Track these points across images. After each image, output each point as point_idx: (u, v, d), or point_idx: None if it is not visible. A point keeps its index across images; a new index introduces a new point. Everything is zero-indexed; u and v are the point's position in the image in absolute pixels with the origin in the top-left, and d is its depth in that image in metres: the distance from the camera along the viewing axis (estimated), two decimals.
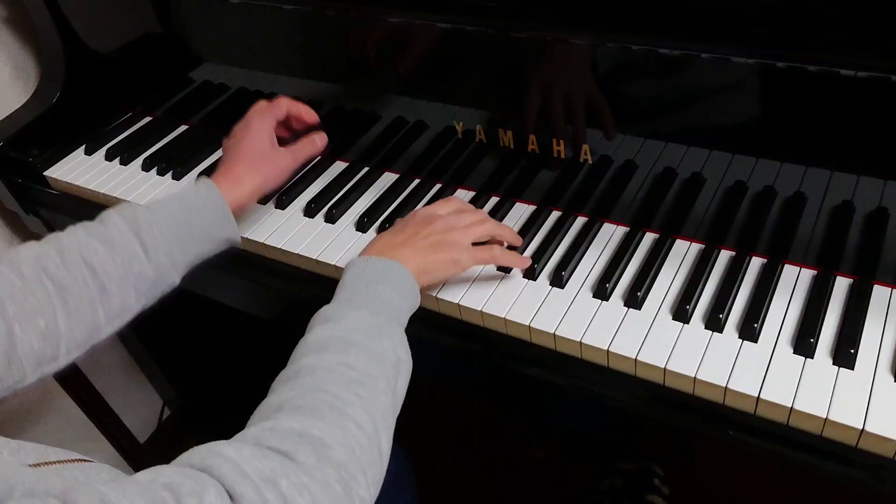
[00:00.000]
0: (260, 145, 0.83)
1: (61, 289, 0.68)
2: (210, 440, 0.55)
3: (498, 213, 0.91)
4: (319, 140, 0.90)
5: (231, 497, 0.48)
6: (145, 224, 0.73)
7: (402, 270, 0.71)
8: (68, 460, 0.52)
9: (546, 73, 0.81)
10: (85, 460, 0.53)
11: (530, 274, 0.82)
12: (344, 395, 0.57)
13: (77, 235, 0.72)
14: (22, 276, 0.67)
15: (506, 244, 0.83)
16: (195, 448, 0.52)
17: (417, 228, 0.76)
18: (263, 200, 1.00)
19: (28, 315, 0.65)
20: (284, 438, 0.53)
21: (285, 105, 0.92)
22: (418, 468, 1.00)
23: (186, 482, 0.47)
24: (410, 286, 0.72)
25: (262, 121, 0.88)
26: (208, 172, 0.86)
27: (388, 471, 0.92)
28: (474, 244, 0.78)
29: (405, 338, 0.68)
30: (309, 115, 0.94)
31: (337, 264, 0.88)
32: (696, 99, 0.76)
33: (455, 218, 0.78)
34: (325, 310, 0.67)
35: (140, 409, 1.61)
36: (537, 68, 0.81)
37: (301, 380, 0.59)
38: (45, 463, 0.50)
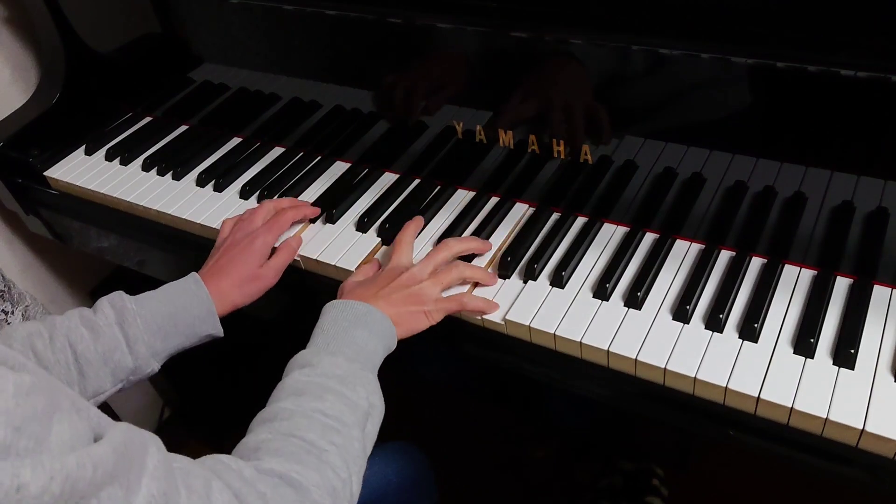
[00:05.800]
0: (252, 267, 0.85)
1: (44, 368, 0.70)
2: (210, 440, 0.55)
3: (498, 214, 0.92)
4: (295, 243, 0.91)
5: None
6: (130, 317, 0.76)
7: (380, 315, 0.74)
8: None
9: (547, 72, 0.81)
10: None
11: (531, 274, 0.82)
12: (319, 441, 0.60)
13: (71, 319, 0.75)
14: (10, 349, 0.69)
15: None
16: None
17: (385, 281, 0.78)
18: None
19: None
20: (264, 479, 0.55)
21: (290, 220, 0.93)
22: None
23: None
24: (387, 329, 0.74)
25: (264, 244, 0.87)
26: (198, 265, 0.86)
27: (408, 477, 0.93)
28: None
29: (378, 384, 0.70)
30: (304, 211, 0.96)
31: (337, 265, 0.88)
32: (696, 99, 0.76)
33: (420, 269, 0.79)
34: (304, 354, 0.69)
35: (140, 410, 1.61)
36: (538, 68, 0.81)
37: (278, 423, 0.61)
38: None
